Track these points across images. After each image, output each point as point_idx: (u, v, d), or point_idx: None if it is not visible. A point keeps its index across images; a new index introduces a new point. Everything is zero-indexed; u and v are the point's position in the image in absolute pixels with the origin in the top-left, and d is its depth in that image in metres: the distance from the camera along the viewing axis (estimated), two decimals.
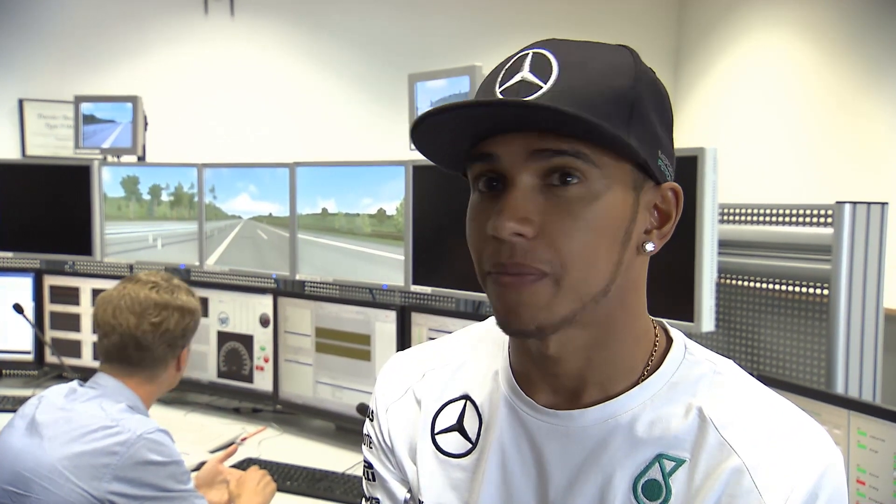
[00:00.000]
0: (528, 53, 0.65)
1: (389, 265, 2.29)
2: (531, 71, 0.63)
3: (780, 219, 1.72)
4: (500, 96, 0.63)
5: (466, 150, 0.66)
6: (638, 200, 0.66)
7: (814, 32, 5.01)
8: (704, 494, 0.65)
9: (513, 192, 0.63)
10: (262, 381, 2.50)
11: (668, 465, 0.67)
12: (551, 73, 0.62)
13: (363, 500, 0.86)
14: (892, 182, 4.28)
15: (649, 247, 0.67)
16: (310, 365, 2.37)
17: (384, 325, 2.21)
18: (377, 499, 0.83)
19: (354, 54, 5.71)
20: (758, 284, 1.78)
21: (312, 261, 2.49)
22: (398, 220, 2.26)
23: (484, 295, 2.31)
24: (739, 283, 1.83)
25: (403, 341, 2.17)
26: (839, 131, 4.78)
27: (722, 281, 1.85)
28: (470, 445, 0.76)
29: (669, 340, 0.73)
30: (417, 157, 2.29)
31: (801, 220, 1.68)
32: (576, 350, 0.68)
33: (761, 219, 1.77)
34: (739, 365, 0.74)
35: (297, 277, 2.53)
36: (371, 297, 2.47)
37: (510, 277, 0.63)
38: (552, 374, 0.70)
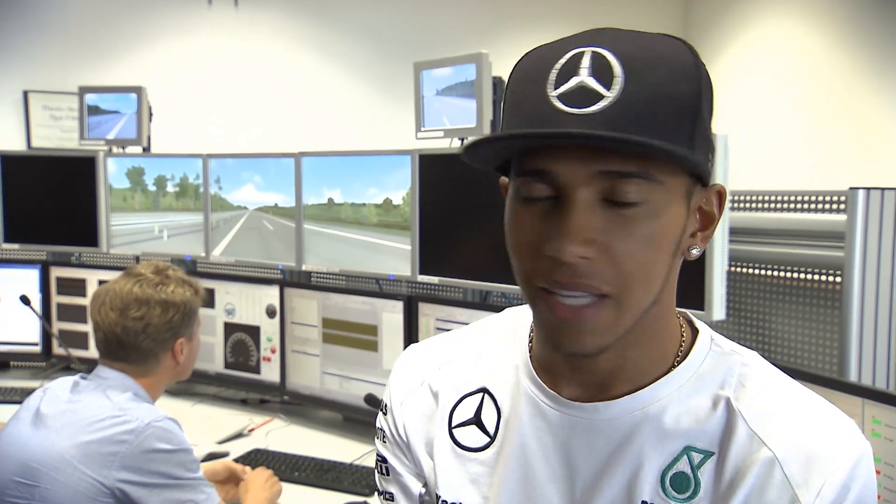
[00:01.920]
0: (584, 52, 0.60)
1: (396, 255, 2.28)
2: (592, 75, 0.59)
3: (793, 206, 1.70)
4: (556, 102, 0.59)
5: (516, 160, 0.63)
6: (689, 207, 0.64)
7: (821, 19, 4.97)
8: (735, 487, 0.64)
9: (574, 212, 0.59)
10: (270, 372, 2.49)
11: (697, 457, 0.66)
12: (613, 80, 0.58)
13: (377, 493, 0.85)
14: None
15: (695, 251, 0.66)
16: (317, 356, 2.36)
17: (391, 315, 2.20)
18: (391, 493, 0.82)
19: (359, 44, 5.69)
20: (769, 272, 1.76)
21: (318, 251, 2.48)
22: (405, 210, 2.24)
23: (490, 284, 2.28)
24: (751, 271, 1.81)
25: (410, 331, 2.16)
26: (848, 118, 4.74)
27: (733, 269, 1.83)
28: (488, 439, 0.75)
29: (695, 332, 0.72)
30: (424, 146, 2.27)
31: (813, 206, 1.65)
32: (613, 349, 0.66)
33: (773, 206, 1.75)
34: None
35: (304, 268, 2.52)
36: (378, 288, 2.46)
37: (566, 305, 0.61)
38: (583, 371, 0.69)
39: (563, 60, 0.60)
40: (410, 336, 2.16)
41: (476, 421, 0.76)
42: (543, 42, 0.64)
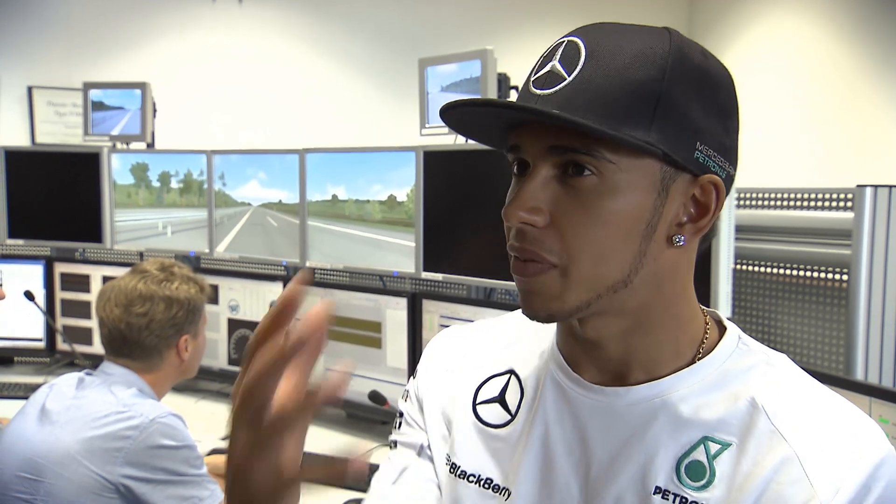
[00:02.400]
0: (563, 41, 0.65)
1: (400, 252, 2.27)
2: (560, 61, 0.64)
3: (799, 203, 1.69)
4: (532, 86, 0.65)
5: (504, 133, 0.68)
6: (666, 193, 0.64)
7: (826, 17, 4.95)
8: (752, 481, 0.64)
9: (528, 182, 0.64)
10: None
11: (714, 447, 0.66)
12: (576, 65, 0.63)
13: (389, 444, 0.88)
14: None
15: (678, 241, 0.66)
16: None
17: (395, 312, 2.19)
18: (395, 441, 0.86)
19: (363, 40, 5.68)
20: (776, 270, 1.76)
21: (322, 248, 2.48)
22: (409, 207, 2.24)
23: (494, 282, 2.28)
24: (757, 268, 1.81)
25: (414, 329, 2.16)
26: (853, 115, 4.72)
27: (739, 267, 1.82)
28: (509, 417, 0.77)
29: (722, 330, 0.73)
30: (428, 142, 2.26)
31: (820, 204, 1.65)
32: (613, 335, 0.69)
33: (779, 203, 1.74)
34: None
35: (308, 264, 2.52)
36: (381, 285, 2.45)
37: (521, 264, 0.66)
38: (595, 357, 0.71)
39: (548, 50, 0.66)
40: (414, 333, 2.15)
41: (500, 399, 0.79)
42: (547, 38, 0.70)
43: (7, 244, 3.00)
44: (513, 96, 2.30)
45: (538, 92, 0.64)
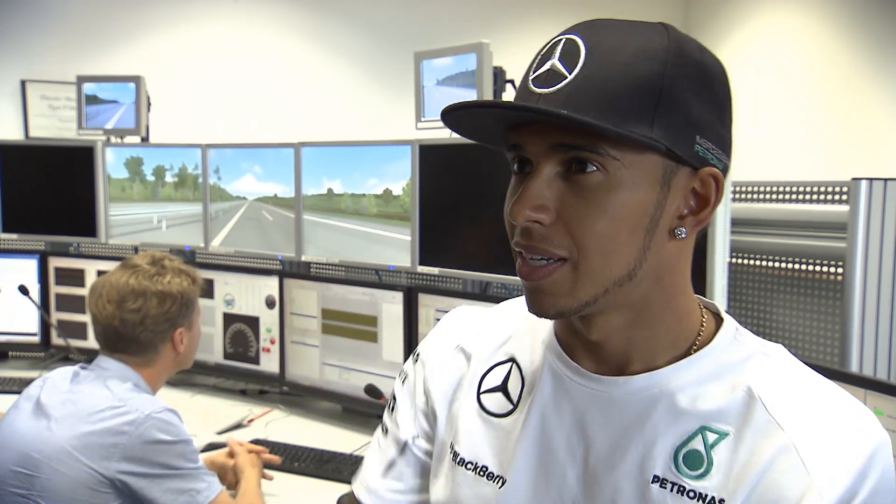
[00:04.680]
0: (562, 39, 0.66)
1: (396, 246, 2.27)
2: (560, 59, 0.64)
3: (795, 196, 1.69)
4: (532, 84, 0.65)
5: (503, 134, 0.68)
6: (668, 187, 0.65)
7: (822, 10, 4.95)
8: (749, 470, 0.65)
9: (533, 180, 0.65)
10: (269, 363, 2.49)
11: (711, 437, 0.67)
12: (577, 63, 0.63)
13: (380, 425, 0.90)
14: None
15: (679, 233, 0.67)
16: (316, 346, 2.36)
17: (391, 306, 2.19)
18: (388, 427, 0.87)
19: (359, 34, 5.67)
20: (771, 263, 1.76)
21: (318, 242, 2.47)
22: (405, 201, 2.24)
23: (490, 275, 2.28)
24: (752, 262, 1.81)
25: (410, 322, 2.16)
26: (849, 109, 4.73)
27: (734, 260, 1.82)
28: (511, 406, 0.78)
29: (719, 322, 0.73)
30: (424, 136, 2.26)
31: (815, 197, 1.65)
32: (616, 331, 0.69)
33: (775, 196, 1.74)
34: None
35: (303, 259, 2.51)
36: (377, 279, 2.45)
37: (528, 265, 0.66)
38: (595, 352, 0.72)
39: (546, 48, 0.66)
40: (410, 327, 2.15)
41: (503, 388, 0.79)
42: (543, 32, 0.71)
43: (1, 238, 2.99)
44: (509, 90, 2.29)
45: (539, 90, 0.64)
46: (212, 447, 2.09)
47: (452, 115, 0.66)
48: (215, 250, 2.75)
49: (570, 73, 0.63)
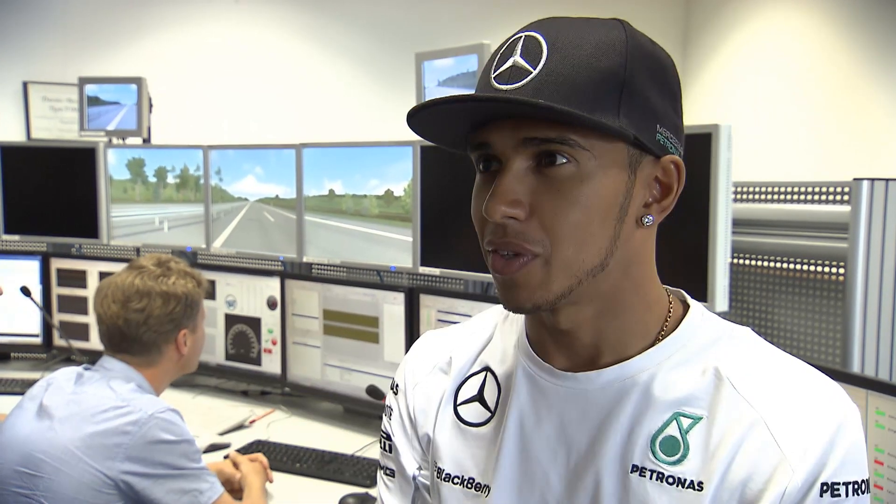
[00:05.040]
0: (521, 36, 0.66)
1: (397, 247, 2.27)
2: (522, 55, 0.65)
3: (796, 197, 1.69)
4: (495, 82, 0.65)
5: (466, 135, 0.68)
6: (634, 176, 0.67)
7: (822, 11, 4.95)
8: (723, 449, 0.66)
9: (505, 176, 0.65)
10: (270, 364, 2.49)
11: (686, 422, 0.68)
12: (541, 58, 0.64)
13: (378, 469, 0.89)
14: None
15: (647, 220, 0.68)
16: (318, 347, 2.36)
17: (392, 307, 2.19)
18: (392, 469, 0.86)
19: (360, 35, 5.67)
20: (772, 264, 1.76)
21: (319, 243, 2.48)
22: (406, 202, 2.24)
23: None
24: (754, 262, 1.81)
25: (412, 323, 2.16)
26: (850, 109, 4.73)
27: (736, 260, 1.82)
28: (489, 414, 0.78)
29: (686, 308, 0.74)
30: None
31: (817, 197, 1.65)
32: (585, 321, 0.70)
33: (776, 197, 1.74)
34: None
35: (305, 260, 2.52)
36: (379, 279, 2.45)
37: (503, 259, 0.66)
38: (566, 345, 0.72)
39: (504, 47, 0.67)
40: (412, 328, 2.15)
41: (479, 398, 0.79)
42: None
43: (3, 240, 3.00)
44: None
45: (503, 87, 0.64)
46: (214, 448, 2.09)
47: (417, 119, 0.66)
48: (217, 251, 2.75)
49: (533, 69, 0.63)
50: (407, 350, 2.32)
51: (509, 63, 0.65)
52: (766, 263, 1.78)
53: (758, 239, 1.78)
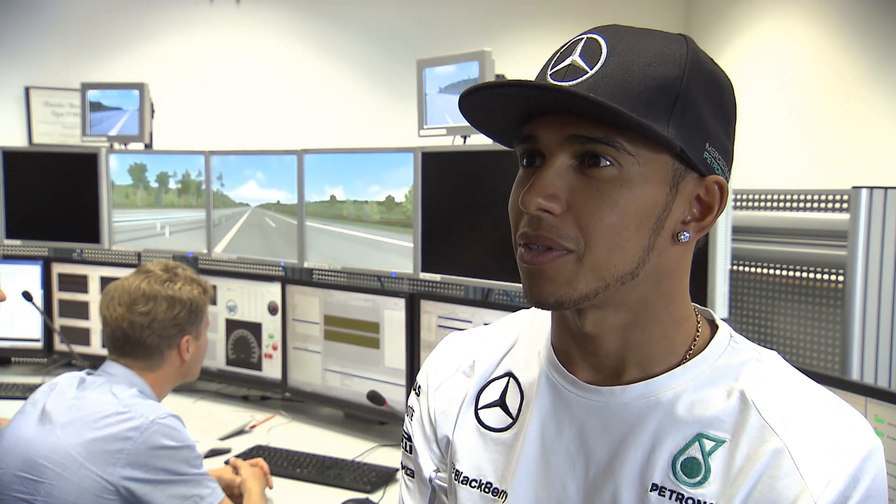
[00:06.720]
0: (583, 38, 0.66)
1: (398, 252, 2.28)
2: (581, 56, 0.65)
3: (795, 204, 1.70)
4: (550, 79, 0.65)
5: (515, 129, 0.69)
6: (676, 191, 0.66)
7: (823, 17, 4.96)
8: (745, 475, 0.65)
9: (546, 170, 0.65)
10: (271, 369, 2.50)
11: (708, 444, 0.67)
12: (599, 59, 0.64)
13: (400, 468, 0.89)
14: None
15: (683, 237, 0.68)
16: (318, 353, 2.36)
17: (393, 312, 2.20)
18: (411, 469, 0.86)
19: (362, 41, 5.68)
20: (772, 271, 1.77)
21: (320, 248, 2.48)
22: (407, 207, 2.24)
23: (492, 282, 2.28)
24: (753, 269, 1.81)
25: (412, 329, 2.16)
26: (850, 116, 4.74)
27: (735, 268, 1.83)
28: (510, 420, 0.78)
29: (714, 329, 0.74)
30: (426, 143, 2.27)
31: (816, 205, 1.65)
32: (611, 329, 0.69)
33: (776, 204, 1.75)
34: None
35: (306, 265, 2.52)
36: (380, 285, 2.46)
37: (533, 252, 0.66)
38: (592, 353, 0.72)
39: (565, 46, 0.67)
40: (412, 334, 2.16)
41: (501, 403, 0.79)
42: (545, 39, 0.69)
43: (5, 245, 3.00)
44: None
45: (559, 84, 0.64)
46: (214, 453, 2.10)
47: (469, 101, 0.66)
48: (218, 256, 2.76)
49: (591, 69, 0.64)
50: (407, 355, 2.32)
51: (567, 62, 0.65)
52: (765, 270, 1.78)
53: (757, 246, 1.79)
